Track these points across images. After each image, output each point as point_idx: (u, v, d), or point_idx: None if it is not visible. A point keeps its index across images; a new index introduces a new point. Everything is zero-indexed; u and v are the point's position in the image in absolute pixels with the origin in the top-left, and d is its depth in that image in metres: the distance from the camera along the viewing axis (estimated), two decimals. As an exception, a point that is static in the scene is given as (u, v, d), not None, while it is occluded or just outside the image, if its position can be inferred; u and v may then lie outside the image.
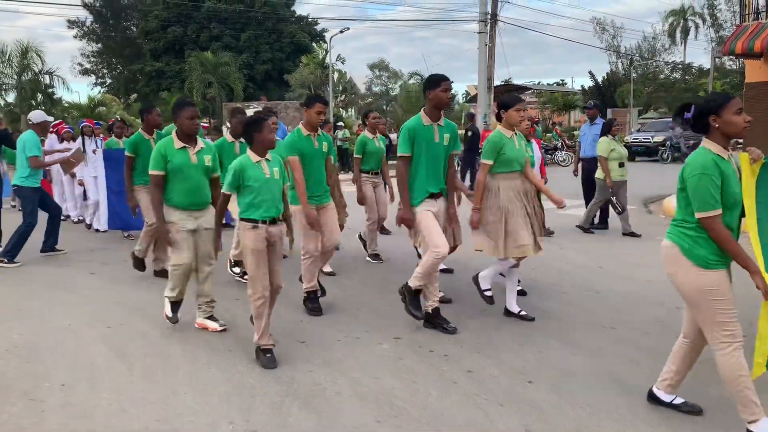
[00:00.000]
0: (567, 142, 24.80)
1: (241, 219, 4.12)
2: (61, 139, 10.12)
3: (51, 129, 10.27)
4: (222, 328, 4.74)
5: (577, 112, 43.60)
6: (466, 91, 53.71)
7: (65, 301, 5.67)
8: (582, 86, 48.86)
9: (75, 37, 50.68)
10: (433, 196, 4.63)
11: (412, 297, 4.60)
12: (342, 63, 33.31)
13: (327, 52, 30.15)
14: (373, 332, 4.64)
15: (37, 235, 7.40)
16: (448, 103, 4.63)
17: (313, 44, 43.97)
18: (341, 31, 23.40)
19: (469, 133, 15.12)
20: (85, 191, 10.01)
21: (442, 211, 4.72)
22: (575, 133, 26.63)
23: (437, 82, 4.52)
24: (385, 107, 51.18)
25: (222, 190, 4.15)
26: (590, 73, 48.31)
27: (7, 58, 28.61)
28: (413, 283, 4.56)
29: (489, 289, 4.98)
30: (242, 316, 4.99)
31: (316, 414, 3.41)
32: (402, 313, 4.95)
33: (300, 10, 47.97)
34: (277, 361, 4.08)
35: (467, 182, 14.90)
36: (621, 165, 8.51)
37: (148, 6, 44.46)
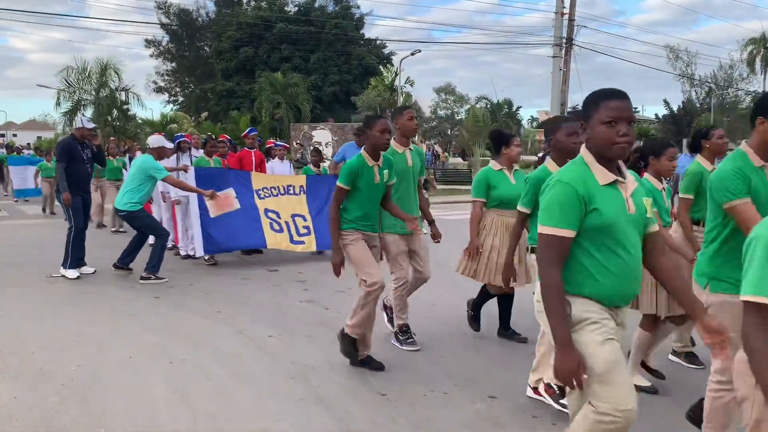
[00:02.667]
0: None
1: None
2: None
3: None
4: None
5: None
6: (531, 116, 52.53)
7: (127, 328, 5.33)
8: (656, 114, 47.11)
9: (151, 56, 52.62)
10: None
11: None
12: (411, 86, 33.04)
13: (397, 74, 29.97)
14: (464, 388, 4.06)
15: (107, 253, 7.21)
16: None
17: (380, 67, 44.09)
18: (412, 54, 23.11)
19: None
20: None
21: None
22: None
23: None
24: (449, 131, 50.83)
25: None
26: (665, 101, 46.39)
27: (87, 74, 29.62)
28: None
29: None
30: (318, 365, 4.53)
31: (406, 492, 2.87)
32: (499, 367, 4.39)
33: (368, 33, 48.27)
34: (356, 414, 3.58)
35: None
36: None
37: (222, 27, 45.63)
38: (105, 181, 12.12)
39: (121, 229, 11.37)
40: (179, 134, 9.81)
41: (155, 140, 7.61)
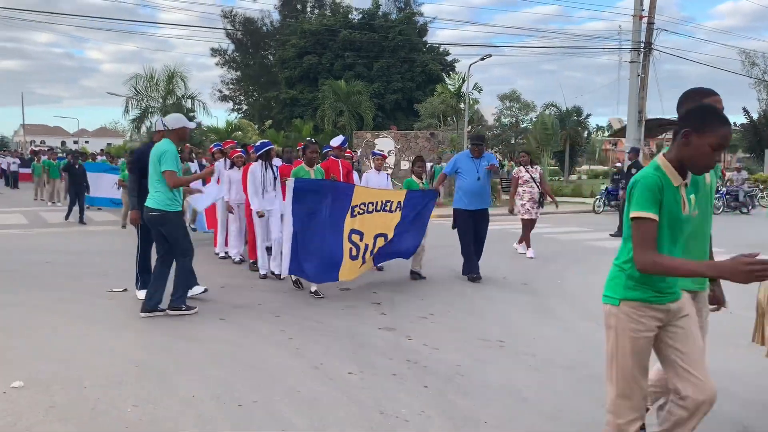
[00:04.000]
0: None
1: None
2: (231, 165, 8.93)
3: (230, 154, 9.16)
4: None
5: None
6: (596, 125, 50.42)
7: (191, 357, 4.73)
8: (734, 123, 44.70)
9: (217, 64, 53.40)
10: None
11: None
12: (479, 92, 32.10)
13: (464, 80, 29.13)
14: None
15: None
16: None
17: (443, 74, 43.34)
18: (482, 59, 22.24)
19: (633, 171, 13.31)
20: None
21: None
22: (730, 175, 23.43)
23: None
24: (513, 140, 49.49)
25: None
26: (744, 109, 44.03)
27: (155, 82, 30.00)
28: None
29: None
30: (412, 416, 3.80)
31: None
32: None
33: (431, 41, 47.55)
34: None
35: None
36: None
37: (287, 35, 45.85)
38: None
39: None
40: (265, 141, 8.40)
41: (174, 119, 5.93)
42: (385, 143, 27.65)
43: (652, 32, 23.75)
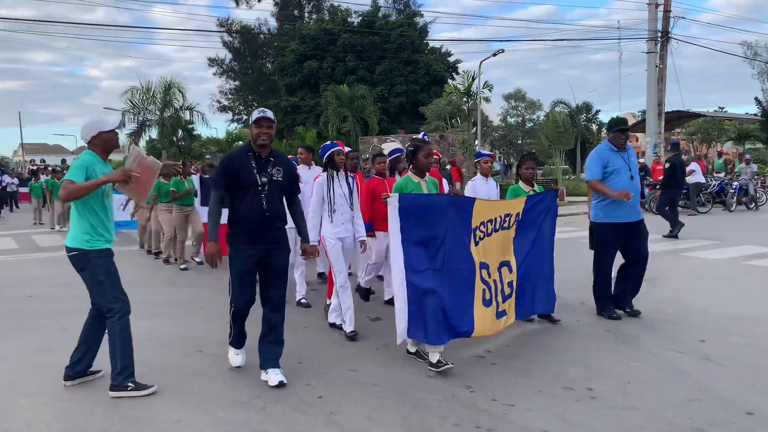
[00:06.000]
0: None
1: None
2: None
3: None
4: None
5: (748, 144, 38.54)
6: (600, 121, 48.86)
7: (195, 427, 3.63)
8: (747, 113, 43.73)
9: (215, 74, 52.56)
10: None
11: None
12: (489, 91, 30.96)
13: (474, 78, 28.06)
14: None
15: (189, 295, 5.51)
16: None
17: (447, 75, 42.40)
18: (494, 54, 21.17)
19: (667, 165, 12.30)
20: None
21: None
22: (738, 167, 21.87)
23: None
24: (520, 140, 48.44)
25: None
26: (757, 99, 43.02)
27: (151, 94, 29.03)
28: None
29: None
30: None
31: None
32: None
33: (432, 42, 46.58)
34: None
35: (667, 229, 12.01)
36: None
37: (285, 42, 44.96)
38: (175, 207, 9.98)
39: (182, 267, 9.71)
40: (331, 143, 5.87)
41: (86, 128, 4.33)
42: (392, 147, 26.69)
43: (669, 21, 22.68)
